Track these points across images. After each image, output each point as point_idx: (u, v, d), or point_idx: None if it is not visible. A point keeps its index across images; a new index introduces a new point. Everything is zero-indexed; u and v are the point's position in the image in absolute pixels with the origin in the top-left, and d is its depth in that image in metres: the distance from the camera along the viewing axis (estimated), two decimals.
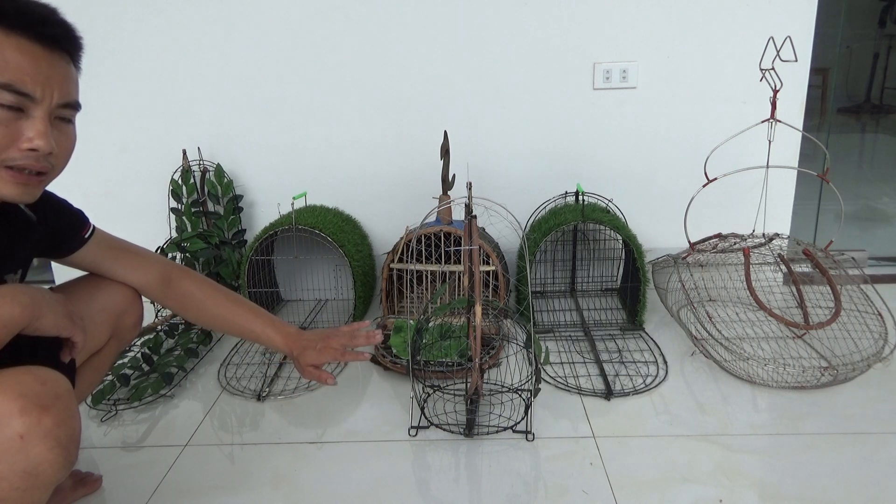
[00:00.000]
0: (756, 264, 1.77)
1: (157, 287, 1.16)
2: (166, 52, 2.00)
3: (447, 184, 1.73)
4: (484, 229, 1.95)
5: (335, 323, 1.93)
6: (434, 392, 1.51)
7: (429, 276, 1.81)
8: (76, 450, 0.83)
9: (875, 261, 2.25)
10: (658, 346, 1.71)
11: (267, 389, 1.56)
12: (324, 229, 1.82)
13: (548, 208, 2.02)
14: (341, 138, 2.07)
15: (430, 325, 1.77)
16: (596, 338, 1.77)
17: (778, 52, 1.58)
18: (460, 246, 1.76)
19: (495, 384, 1.53)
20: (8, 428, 0.77)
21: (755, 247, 1.71)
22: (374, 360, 1.70)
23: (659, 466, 1.24)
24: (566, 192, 2.05)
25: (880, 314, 1.58)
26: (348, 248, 1.83)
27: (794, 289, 1.80)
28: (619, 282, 2.10)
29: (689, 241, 1.74)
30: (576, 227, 2.04)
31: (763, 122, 1.67)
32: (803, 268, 1.78)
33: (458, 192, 1.97)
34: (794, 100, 1.95)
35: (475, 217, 1.27)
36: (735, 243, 1.72)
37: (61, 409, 0.81)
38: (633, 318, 1.83)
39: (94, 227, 1.10)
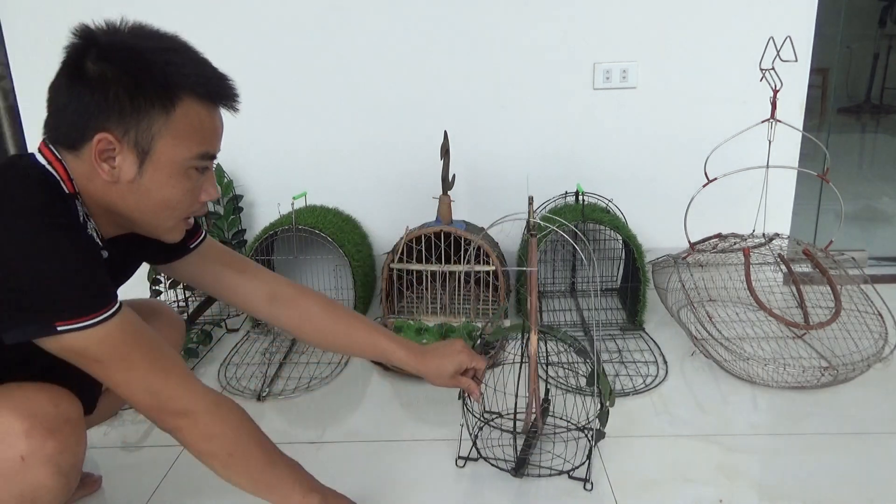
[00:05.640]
0: (756, 264, 1.77)
1: (264, 305, 1.09)
2: None
3: (447, 184, 1.73)
4: (484, 229, 1.95)
5: None
6: (488, 423, 1.35)
7: (429, 276, 1.81)
8: (77, 478, 0.83)
9: (875, 261, 2.25)
10: (658, 346, 1.71)
11: (267, 389, 1.56)
12: (324, 229, 1.82)
13: (548, 208, 2.02)
14: (341, 138, 2.07)
15: (430, 325, 1.77)
16: (596, 338, 1.76)
17: (778, 52, 1.58)
18: (467, 246, 1.76)
19: (558, 417, 1.39)
20: (11, 448, 0.76)
21: (755, 247, 1.71)
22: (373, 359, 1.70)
23: (659, 466, 1.24)
24: (566, 192, 2.05)
25: (880, 314, 1.58)
26: (348, 248, 1.83)
27: (794, 289, 1.80)
28: (619, 282, 2.10)
29: (689, 241, 1.74)
30: (576, 227, 2.04)
31: (763, 122, 1.67)
32: (803, 268, 1.78)
33: (457, 192, 1.97)
34: (794, 100, 1.95)
35: (535, 235, 1.14)
36: (735, 243, 1.72)
37: (68, 434, 0.81)
38: (633, 318, 1.83)
39: (203, 238, 1.06)
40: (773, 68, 1.58)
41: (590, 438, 1.26)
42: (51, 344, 0.77)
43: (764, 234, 1.74)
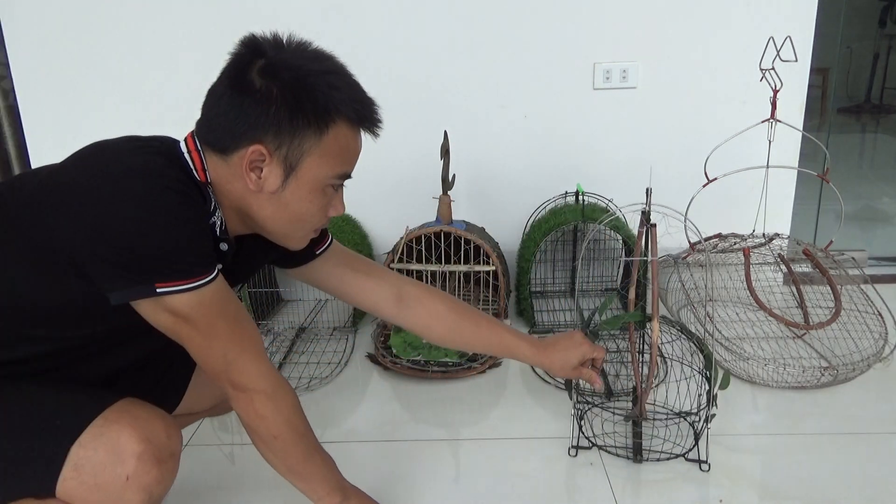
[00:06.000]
0: (756, 264, 1.77)
1: (392, 306, 1.10)
2: (167, 52, 2.00)
3: (447, 184, 1.73)
4: (484, 229, 1.95)
5: (335, 323, 1.93)
6: (591, 408, 1.41)
7: (429, 276, 1.81)
8: None
9: (875, 261, 2.25)
10: (658, 346, 1.71)
11: None
12: None
13: (548, 208, 2.02)
14: None
15: None
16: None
17: (778, 52, 1.58)
18: (467, 246, 1.76)
19: (658, 405, 1.43)
20: (122, 466, 0.79)
21: (755, 247, 1.71)
22: (373, 359, 1.70)
23: (659, 466, 1.24)
24: (566, 192, 2.05)
25: (880, 314, 1.58)
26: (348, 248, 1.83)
27: (794, 289, 1.80)
28: (619, 282, 2.10)
29: (689, 241, 1.74)
30: (576, 227, 2.04)
31: (763, 122, 1.67)
32: (803, 268, 1.78)
33: (457, 192, 1.97)
34: (794, 100, 1.95)
35: (654, 226, 1.18)
36: (735, 243, 1.72)
37: (170, 468, 0.85)
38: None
39: (329, 244, 1.08)
40: (773, 68, 1.58)
41: (691, 423, 1.33)
42: (146, 307, 0.80)
43: (764, 234, 1.74)
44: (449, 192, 1.75)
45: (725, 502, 1.14)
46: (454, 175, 1.75)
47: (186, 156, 0.84)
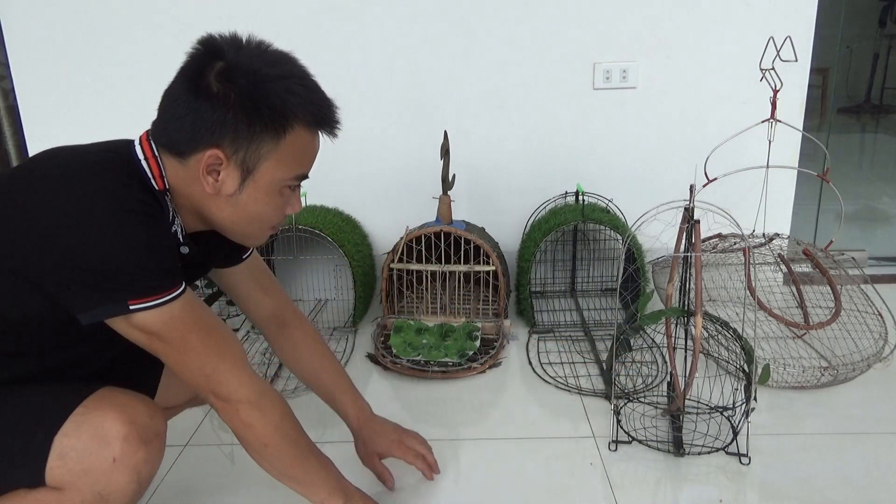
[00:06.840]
0: (756, 264, 1.77)
1: (272, 328, 1.15)
2: (166, 52, 2.00)
3: (447, 184, 1.73)
4: (484, 229, 1.96)
5: (335, 323, 1.93)
6: (627, 403, 1.44)
7: (429, 276, 1.81)
8: (145, 491, 0.87)
9: (875, 261, 2.25)
10: (658, 346, 1.71)
11: None
12: (324, 229, 1.81)
13: (548, 208, 2.02)
14: (341, 138, 2.06)
15: (430, 325, 1.77)
16: (596, 338, 1.77)
17: (778, 52, 1.58)
18: (467, 246, 1.76)
19: (693, 400, 1.42)
20: (108, 448, 0.81)
21: (755, 247, 1.71)
22: (373, 359, 1.70)
23: (659, 466, 1.24)
24: (566, 192, 2.05)
25: (880, 314, 1.58)
26: (348, 248, 1.83)
27: (794, 289, 1.80)
28: (619, 282, 2.10)
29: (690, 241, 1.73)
30: (576, 227, 2.04)
31: (763, 122, 1.67)
32: (803, 268, 1.78)
33: (457, 192, 1.97)
34: (794, 100, 1.95)
35: (698, 222, 1.19)
36: (735, 243, 1.72)
37: (157, 447, 0.86)
38: (634, 318, 1.83)
39: (251, 252, 1.10)
40: (773, 68, 1.58)
41: (728, 418, 1.35)
42: (120, 323, 0.80)
43: (764, 234, 1.74)
44: (449, 192, 1.75)
45: (725, 502, 1.14)
46: (454, 175, 1.75)
47: (144, 163, 0.84)
